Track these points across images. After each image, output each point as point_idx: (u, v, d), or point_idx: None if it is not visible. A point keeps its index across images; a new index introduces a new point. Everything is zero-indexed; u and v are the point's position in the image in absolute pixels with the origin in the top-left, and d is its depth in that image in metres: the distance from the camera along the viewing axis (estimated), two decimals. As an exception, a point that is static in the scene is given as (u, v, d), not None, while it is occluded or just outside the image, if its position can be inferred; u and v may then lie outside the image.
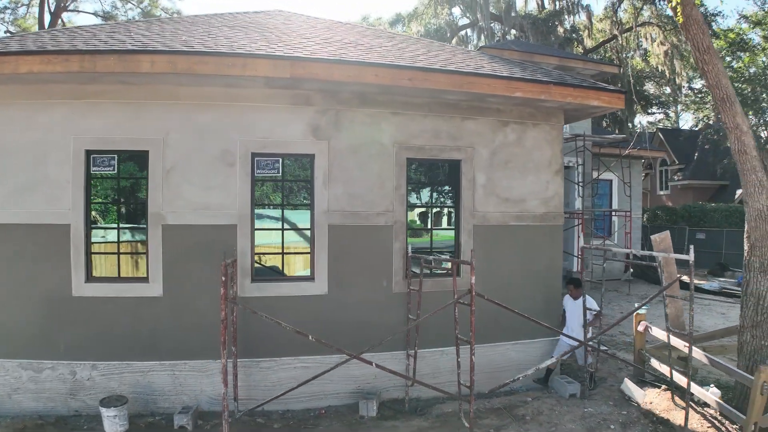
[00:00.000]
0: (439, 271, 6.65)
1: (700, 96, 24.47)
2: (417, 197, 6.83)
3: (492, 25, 18.62)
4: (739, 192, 23.32)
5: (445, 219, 6.99)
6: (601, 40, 20.86)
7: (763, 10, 17.17)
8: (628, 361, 6.85)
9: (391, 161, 6.24)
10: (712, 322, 10.13)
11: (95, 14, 24.65)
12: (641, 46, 20.49)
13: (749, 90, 16.86)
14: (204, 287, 5.94)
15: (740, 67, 16.65)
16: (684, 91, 26.54)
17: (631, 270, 15.11)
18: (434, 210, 7.09)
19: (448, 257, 6.41)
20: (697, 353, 5.44)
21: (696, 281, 10.49)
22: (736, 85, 16.96)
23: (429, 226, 6.83)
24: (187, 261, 5.92)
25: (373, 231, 6.21)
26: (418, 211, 7.04)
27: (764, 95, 17.05)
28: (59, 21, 22.96)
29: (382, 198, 6.22)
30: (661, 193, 28.17)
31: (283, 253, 6.32)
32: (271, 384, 6.01)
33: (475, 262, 5.18)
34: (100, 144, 5.88)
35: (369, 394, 6.01)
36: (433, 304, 5.87)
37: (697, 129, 27.91)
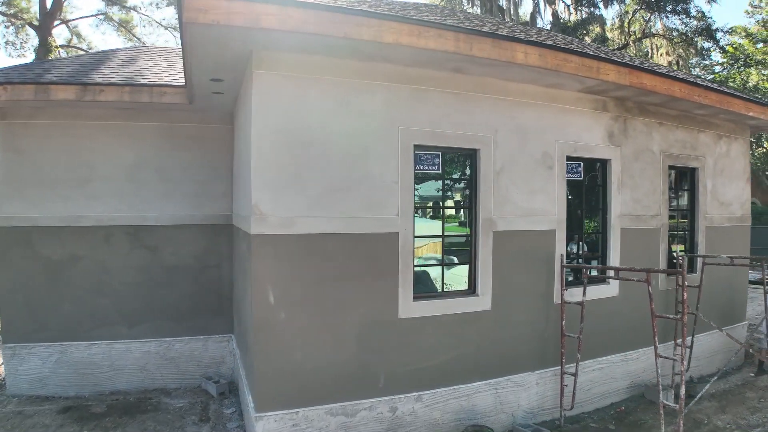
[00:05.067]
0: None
1: None
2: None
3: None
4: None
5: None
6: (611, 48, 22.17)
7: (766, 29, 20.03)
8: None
9: (659, 167, 6.59)
10: None
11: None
12: (648, 55, 22.49)
13: None
14: (524, 296, 5.61)
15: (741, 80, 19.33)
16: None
17: None
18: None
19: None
20: None
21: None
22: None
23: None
24: (511, 270, 5.50)
25: (647, 234, 6.50)
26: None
27: None
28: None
29: (654, 202, 6.55)
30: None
31: (579, 258, 6.22)
32: (569, 390, 5.91)
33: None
34: (429, 138, 5.07)
35: (663, 385, 6.32)
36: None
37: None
